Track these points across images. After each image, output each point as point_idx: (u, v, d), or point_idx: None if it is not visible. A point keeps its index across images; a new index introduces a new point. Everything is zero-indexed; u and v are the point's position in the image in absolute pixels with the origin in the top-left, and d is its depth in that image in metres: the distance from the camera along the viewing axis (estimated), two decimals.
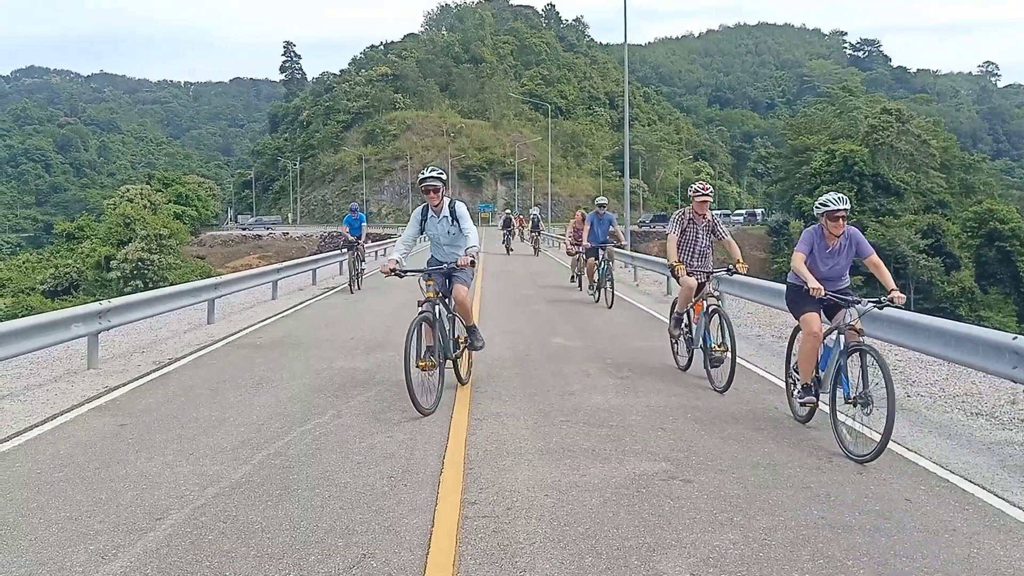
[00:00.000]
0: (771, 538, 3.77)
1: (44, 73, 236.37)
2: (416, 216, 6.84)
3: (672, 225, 7.71)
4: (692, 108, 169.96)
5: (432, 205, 6.71)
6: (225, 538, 3.75)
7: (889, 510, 4.16)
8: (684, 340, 7.84)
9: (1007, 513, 4.16)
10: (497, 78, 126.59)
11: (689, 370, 7.78)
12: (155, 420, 6.03)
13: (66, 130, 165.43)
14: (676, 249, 7.57)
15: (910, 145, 70.35)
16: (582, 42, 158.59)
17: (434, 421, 5.95)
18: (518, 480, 4.60)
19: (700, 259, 7.69)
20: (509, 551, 3.61)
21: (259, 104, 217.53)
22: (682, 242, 7.67)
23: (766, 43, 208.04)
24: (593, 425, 5.84)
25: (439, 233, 6.80)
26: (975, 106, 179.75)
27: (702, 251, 7.70)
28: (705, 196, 7.52)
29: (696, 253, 7.67)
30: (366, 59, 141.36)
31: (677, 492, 4.41)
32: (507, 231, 35.09)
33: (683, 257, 7.63)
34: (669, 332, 8.07)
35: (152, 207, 69.87)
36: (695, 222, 7.64)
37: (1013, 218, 64.61)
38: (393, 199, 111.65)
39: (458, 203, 6.74)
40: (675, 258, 7.49)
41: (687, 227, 7.64)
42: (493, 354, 8.58)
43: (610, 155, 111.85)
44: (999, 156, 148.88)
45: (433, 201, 6.68)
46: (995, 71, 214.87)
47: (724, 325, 6.97)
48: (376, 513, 4.07)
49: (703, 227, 7.69)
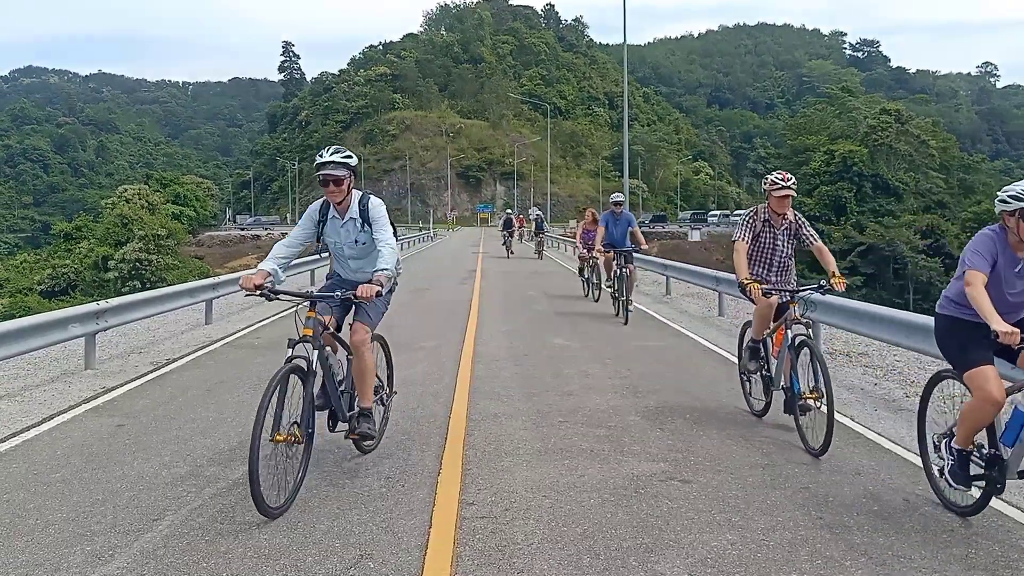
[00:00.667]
0: (769, 539, 3.77)
1: (42, 73, 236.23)
2: (311, 214, 4.86)
3: (740, 229, 5.90)
4: (691, 108, 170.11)
5: (334, 203, 4.74)
6: (222, 539, 3.75)
7: (887, 511, 4.15)
8: (762, 378, 6.01)
9: (1005, 514, 4.15)
10: (496, 78, 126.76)
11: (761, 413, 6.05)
12: (152, 421, 6.02)
13: (64, 130, 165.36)
14: (747, 261, 5.84)
15: (909, 146, 70.40)
16: (581, 42, 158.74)
17: (432, 422, 5.94)
18: (516, 481, 4.59)
19: (780, 273, 5.96)
20: (507, 552, 3.60)
21: (258, 104, 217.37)
22: (754, 251, 5.94)
23: (765, 43, 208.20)
24: (591, 425, 5.83)
25: (342, 242, 4.84)
26: (974, 107, 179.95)
27: (782, 263, 5.95)
28: (786, 189, 5.67)
29: (774, 265, 5.94)
30: (365, 59, 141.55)
31: (675, 493, 4.40)
32: (508, 232, 33.46)
33: (757, 271, 5.94)
34: (742, 367, 6.27)
35: (150, 207, 69.74)
36: (772, 224, 5.86)
37: None
38: (392, 199, 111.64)
39: (373, 200, 4.80)
40: (746, 272, 5.71)
41: (761, 231, 5.89)
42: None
43: (609, 155, 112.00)
44: (998, 156, 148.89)
45: (335, 197, 4.68)
46: (994, 72, 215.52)
47: (816, 364, 5.20)
48: (374, 514, 4.07)
49: (783, 231, 5.88)
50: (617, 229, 12.37)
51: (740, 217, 6.03)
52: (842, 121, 77.49)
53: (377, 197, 4.85)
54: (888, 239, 58.54)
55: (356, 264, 4.95)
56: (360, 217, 4.77)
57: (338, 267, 5.08)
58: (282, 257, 4.72)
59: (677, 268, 16.34)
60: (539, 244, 31.48)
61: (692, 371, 8.11)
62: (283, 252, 4.75)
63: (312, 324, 4.39)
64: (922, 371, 7.92)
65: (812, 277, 10.91)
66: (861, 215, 63.12)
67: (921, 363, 8.14)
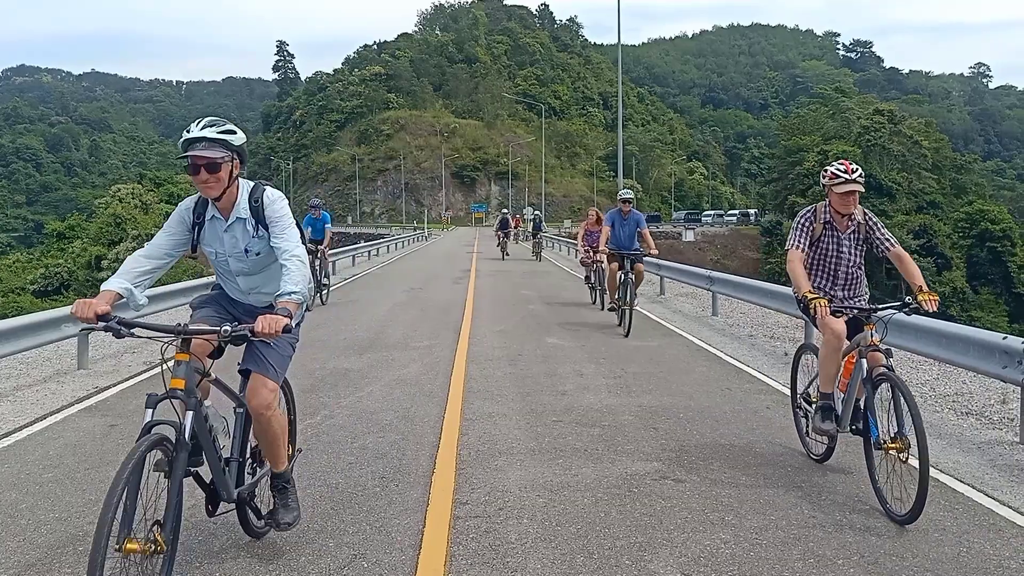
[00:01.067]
0: (762, 537, 3.78)
1: (35, 72, 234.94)
2: (182, 214, 3.42)
3: (794, 234, 4.69)
4: (686, 108, 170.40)
5: (211, 199, 3.33)
6: (215, 539, 3.74)
7: (879, 509, 4.16)
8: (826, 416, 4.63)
9: (996, 512, 4.18)
10: (491, 78, 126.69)
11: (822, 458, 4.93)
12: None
13: (57, 129, 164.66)
14: (804, 272, 4.63)
15: (902, 146, 70.74)
16: (576, 42, 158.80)
17: (426, 421, 5.94)
18: (510, 480, 4.59)
19: (848, 286, 4.75)
20: (501, 551, 3.61)
21: (252, 103, 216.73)
22: (813, 260, 4.74)
23: (759, 44, 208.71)
24: (585, 425, 5.84)
25: (227, 252, 3.44)
26: (967, 107, 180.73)
27: (850, 273, 4.72)
28: (851, 184, 4.47)
29: (839, 277, 4.72)
30: (359, 59, 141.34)
31: (669, 492, 4.41)
32: (504, 233, 31.62)
33: (819, 284, 4.74)
34: (813, 426, 4.75)
35: (143, 207, 69.41)
36: (834, 227, 4.68)
37: (1004, 219, 65.13)
38: (386, 199, 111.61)
39: (270, 193, 3.41)
40: (808, 285, 4.52)
41: (821, 236, 4.68)
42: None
43: (604, 155, 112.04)
44: (990, 157, 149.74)
45: (210, 190, 3.27)
46: (987, 72, 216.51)
47: (903, 403, 4.05)
48: (367, 514, 4.06)
49: (849, 235, 4.68)
50: (624, 230, 10.87)
51: (796, 219, 4.79)
52: (835, 121, 77.79)
53: (276, 189, 3.46)
54: None
55: (248, 283, 3.51)
56: (252, 217, 3.35)
57: (227, 285, 3.61)
58: (140, 273, 3.24)
59: (671, 268, 16.37)
60: (537, 245, 30.36)
61: (686, 371, 8.12)
62: (141, 266, 3.26)
63: (184, 373, 3.08)
64: (913, 370, 7.96)
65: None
66: None
67: (913, 362, 8.17)
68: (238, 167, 3.31)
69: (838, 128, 75.84)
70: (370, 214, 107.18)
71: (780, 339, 10.23)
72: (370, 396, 6.76)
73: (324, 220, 14.31)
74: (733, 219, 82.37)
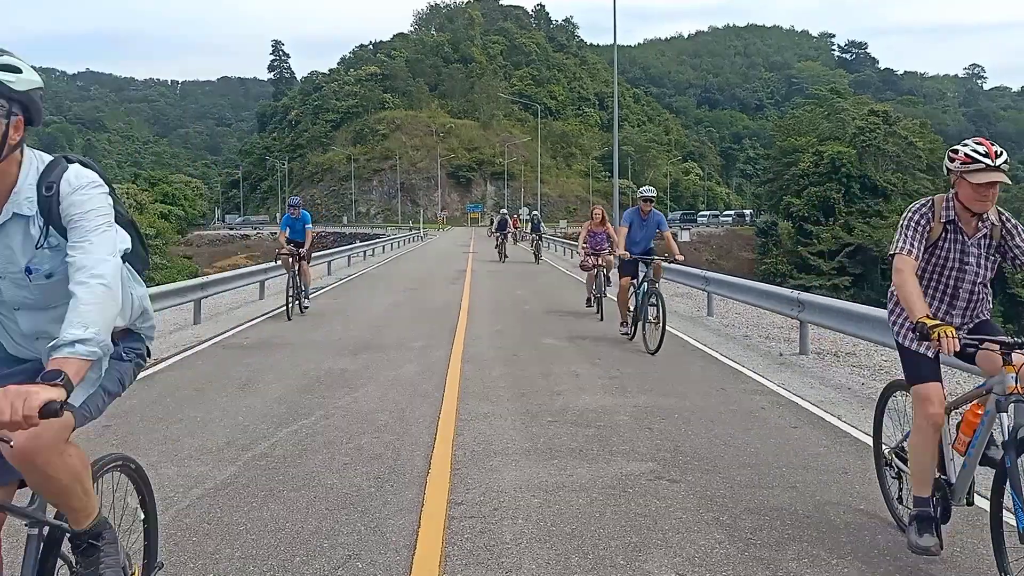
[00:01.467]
0: (757, 537, 3.78)
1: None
2: None
3: (902, 235, 3.45)
4: (681, 109, 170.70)
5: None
6: (209, 540, 3.73)
7: (874, 509, 4.17)
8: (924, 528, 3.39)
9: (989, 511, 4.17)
10: (487, 78, 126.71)
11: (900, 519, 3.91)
12: (140, 421, 5.98)
13: (51, 129, 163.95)
14: (919, 287, 3.40)
15: (897, 147, 70.85)
16: (572, 43, 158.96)
17: (421, 422, 5.93)
18: (505, 480, 4.59)
19: (970, 308, 3.59)
20: (495, 551, 3.61)
21: (247, 103, 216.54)
22: (927, 271, 3.54)
23: (755, 45, 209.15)
24: (580, 425, 5.84)
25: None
26: (961, 108, 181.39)
27: (974, 292, 3.55)
28: (995, 171, 3.19)
29: (960, 296, 3.54)
30: (355, 58, 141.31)
31: (664, 492, 4.41)
32: (502, 234, 30.10)
33: (933, 305, 3.55)
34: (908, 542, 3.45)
35: (138, 207, 69.25)
36: (960, 229, 3.45)
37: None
38: (382, 199, 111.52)
39: (74, 173, 2.10)
40: (923, 309, 3.22)
41: (940, 239, 3.46)
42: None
43: (600, 156, 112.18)
44: None
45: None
46: (981, 73, 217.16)
47: None
48: (362, 514, 4.06)
49: (979, 240, 3.46)
50: (643, 232, 9.61)
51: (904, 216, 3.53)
52: (831, 122, 77.88)
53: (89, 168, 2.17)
54: (876, 240, 58.95)
55: (31, 322, 2.22)
56: (41, 214, 2.08)
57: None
58: None
59: (666, 268, 16.34)
60: (536, 246, 29.44)
61: (681, 371, 8.13)
62: None
63: None
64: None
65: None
66: (849, 216, 63.54)
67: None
68: (22, 129, 2.01)
69: (833, 129, 75.95)
70: (366, 214, 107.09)
71: (775, 340, 10.26)
72: (365, 397, 6.76)
73: (304, 220, 12.95)
74: (728, 220, 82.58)
